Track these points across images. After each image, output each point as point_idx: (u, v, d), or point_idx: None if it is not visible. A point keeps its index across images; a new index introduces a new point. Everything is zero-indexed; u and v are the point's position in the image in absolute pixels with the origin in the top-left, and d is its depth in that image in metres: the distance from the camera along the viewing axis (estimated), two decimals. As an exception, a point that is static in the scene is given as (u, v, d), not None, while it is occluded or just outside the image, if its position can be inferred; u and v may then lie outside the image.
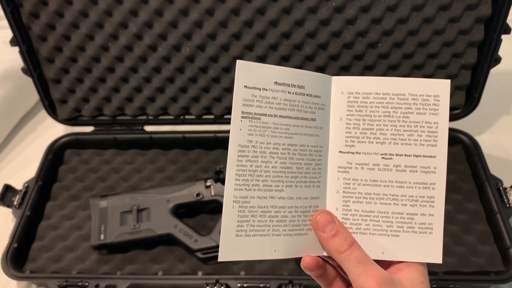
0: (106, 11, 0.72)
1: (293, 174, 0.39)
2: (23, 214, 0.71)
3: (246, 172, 0.37)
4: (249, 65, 0.38)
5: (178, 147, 0.83)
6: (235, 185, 0.37)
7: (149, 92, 0.79)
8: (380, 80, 0.40)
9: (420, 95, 0.40)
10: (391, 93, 0.40)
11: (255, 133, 0.38)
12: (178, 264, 0.68)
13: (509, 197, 0.69)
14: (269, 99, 0.38)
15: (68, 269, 0.67)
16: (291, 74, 0.39)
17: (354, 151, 0.40)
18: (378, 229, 0.40)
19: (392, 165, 0.40)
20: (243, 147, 0.37)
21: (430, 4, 0.69)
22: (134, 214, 0.69)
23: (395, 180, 0.40)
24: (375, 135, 0.40)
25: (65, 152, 0.83)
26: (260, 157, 0.38)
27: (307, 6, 0.69)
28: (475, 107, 0.77)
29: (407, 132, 0.40)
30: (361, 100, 0.40)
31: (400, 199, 0.39)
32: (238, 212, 0.37)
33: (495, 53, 0.71)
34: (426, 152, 0.39)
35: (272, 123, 0.38)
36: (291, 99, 0.39)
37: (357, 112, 0.40)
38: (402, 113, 0.40)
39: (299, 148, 0.39)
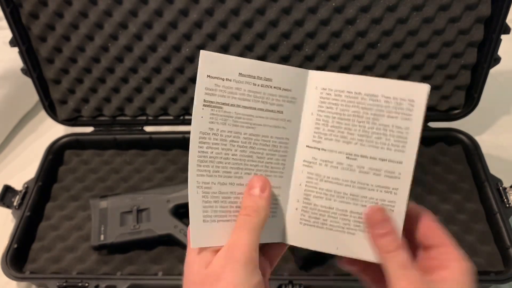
0: (105, 12, 0.72)
1: (253, 162, 0.40)
2: (23, 215, 0.71)
3: (207, 158, 0.38)
4: (212, 55, 0.38)
5: (178, 147, 0.83)
6: (197, 171, 0.38)
7: (149, 93, 0.79)
8: (354, 79, 0.39)
9: (394, 98, 0.38)
10: (363, 93, 0.39)
11: (217, 122, 0.38)
12: (178, 265, 0.68)
13: (509, 197, 0.69)
14: (232, 89, 0.38)
15: (68, 270, 0.67)
16: (256, 67, 0.39)
17: (320, 147, 0.40)
18: (334, 225, 0.40)
19: (356, 166, 0.39)
20: (204, 134, 0.38)
21: (429, 4, 0.69)
22: (134, 215, 0.69)
23: (357, 181, 0.39)
24: (342, 134, 0.39)
25: (65, 152, 0.83)
26: (221, 145, 0.38)
27: (307, 6, 0.69)
28: (474, 107, 0.77)
29: (375, 135, 0.39)
30: (333, 97, 0.40)
31: (360, 199, 0.39)
32: (202, 197, 0.38)
33: (495, 53, 0.71)
34: (393, 157, 0.39)
35: (235, 113, 0.39)
36: (255, 91, 0.39)
37: (328, 108, 0.40)
38: (372, 114, 0.39)
39: (262, 138, 0.40)
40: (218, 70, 0.38)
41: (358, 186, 0.39)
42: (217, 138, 0.38)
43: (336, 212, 0.40)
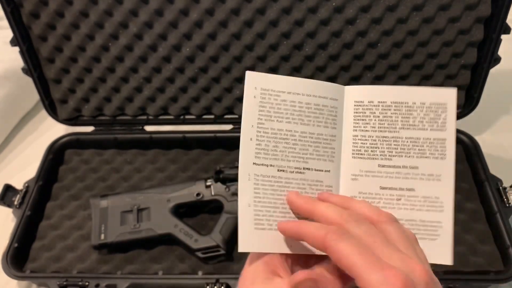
0: (106, 11, 0.72)
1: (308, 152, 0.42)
2: (24, 214, 0.71)
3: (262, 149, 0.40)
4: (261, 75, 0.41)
5: (178, 147, 0.83)
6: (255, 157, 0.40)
7: (149, 92, 0.79)
8: (386, 89, 0.42)
9: (428, 104, 0.41)
10: (398, 101, 0.41)
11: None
12: (178, 264, 0.68)
13: (509, 196, 0.69)
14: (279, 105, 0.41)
15: (68, 269, 0.67)
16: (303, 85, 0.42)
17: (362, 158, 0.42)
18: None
19: (401, 173, 0.42)
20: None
21: (429, 4, 0.69)
22: (135, 214, 0.69)
23: (406, 188, 0.41)
24: (382, 150, 0.42)
25: (65, 152, 0.83)
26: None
27: (307, 6, 0.69)
28: (474, 107, 0.77)
29: (412, 143, 0.41)
30: (367, 109, 0.42)
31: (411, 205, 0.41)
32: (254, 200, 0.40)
33: (495, 53, 0.71)
34: (432, 161, 0.41)
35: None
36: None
37: (364, 124, 0.43)
38: (407, 121, 0.41)
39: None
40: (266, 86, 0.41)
41: (407, 194, 0.41)
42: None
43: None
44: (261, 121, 0.40)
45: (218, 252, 0.66)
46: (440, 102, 0.41)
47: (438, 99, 0.41)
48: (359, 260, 0.31)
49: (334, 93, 0.42)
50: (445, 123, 0.41)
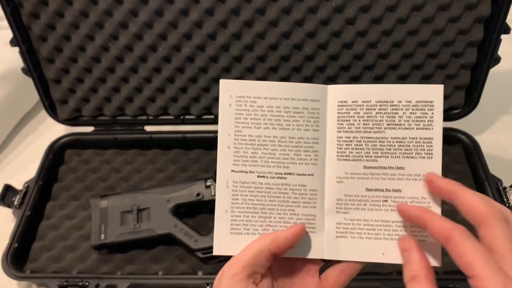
0: (106, 11, 0.72)
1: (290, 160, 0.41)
2: (24, 214, 0.71)
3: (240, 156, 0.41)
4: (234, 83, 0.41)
5: (178, 147, 0.83)
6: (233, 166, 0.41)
7: (149, 92, 0.79)
8: (367, 88, 0.41)
9: (414, 102, 0.41)
10: (382, 100, 0.41)
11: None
12: (178, 264, 0.68)
13: (509, 196, 0.69)
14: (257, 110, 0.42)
15: (68, 269, 0.67)
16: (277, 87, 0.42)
17: (347, 160, 0.42)
18: (376, 234, 0.41)
19: (384, 173, 0.41)
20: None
21: (429, 4, 0.69)
22: (135, 214, 0.69)
23: (392, 188, 0.41)
24: (367, 150, 0.41)
25: (65, 152, 0.83)
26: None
27: (306, 6, 0.69)
28: (474, 107, 0.77)
29: (398, 143, 0.41)
30: (351, 109, 0.42)
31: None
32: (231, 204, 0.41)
33: (495, 53, 0.71)
34: (419, 160, 0.40)
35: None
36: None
37: (348, 124, 0.42)
38: (392, 120, 0.41)
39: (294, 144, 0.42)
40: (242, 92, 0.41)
41: (394, 195, 0.40)
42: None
43: (375, 222, 0.40)
44: (238, 128, 0.41)
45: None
46: (426, 100, 0.40)
47: (424, 97, 0.40)
48: (482, 262, 0.31)
49: (315, 94, 0.41)
50: (431, 121, 0.40)
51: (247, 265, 0.37)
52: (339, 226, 0.41)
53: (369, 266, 0.65)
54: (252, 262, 0.37)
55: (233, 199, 0.40)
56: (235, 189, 0.40)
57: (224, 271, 0.37)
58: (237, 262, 0.37)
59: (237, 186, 0.40)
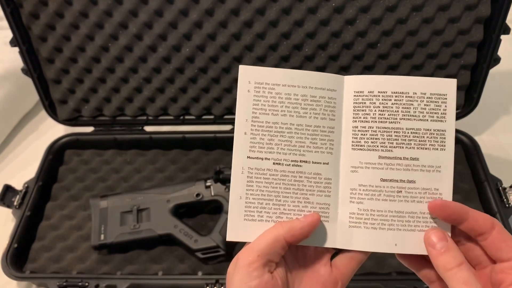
0: (106, 12, 0.72)
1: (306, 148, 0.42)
2: (23, 214, 0.71)
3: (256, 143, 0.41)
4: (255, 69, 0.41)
5: (178, 147, 0.83)
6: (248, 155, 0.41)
7: (149, 93, 0.79)
8: (386, 79, 0.41)
9: (428, 94, 0.41)
10: (398, 91, 0.41)
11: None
12: (178, 264, 0.68)
13: (509, 197, 0.69)
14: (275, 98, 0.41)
15: (68, 269, 0.67)
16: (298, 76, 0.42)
17: (363, 149, 0.42)
18: (389, 225, 0.41)
19: (400, 164, 0.41)
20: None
21: (429, 4, 0.69)
22: (134, 214, 0.69)
23: (406, 179, 0.41)
24: (382, 140, 0.41)
25: (65, 152, 0.83)
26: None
27: (306, 6, 0.69)
28: (474, 107, 0.77)
29: (413, 134, 0.41)
30: (368, 99, 0.42)
31: (410, 197, 0.41)
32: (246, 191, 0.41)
33: (495, 53, 0.71)
34: (432, 152, 0.41)
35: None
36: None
37: (364, 114, 0.42)
38: (408, 112, 0.41)
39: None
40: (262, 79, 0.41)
41: (408, 186, 0.40)
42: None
43: (389, 212, 0.40)
44: (255, 115, 0.40)
45: (218, 253, 0.66)
46: (440, 92, 0.41)
47: (438, 89, 0.41)
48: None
49: (332, 84, 0.42)
50: (445, 114, 0.40)
51: (263, 254, 0.37)
52: (352, 216, 0.41)
53: (369, 266, 0.66)
54: (267, 251, 0.37)
55: (248, 185, 0.40)
56: (250, 175, 0.40)
57: (239, 258, 0.37)
58: (253, 251, 0.37)
59: (252, 173, 0.40)
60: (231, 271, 0.37)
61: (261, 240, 0.37)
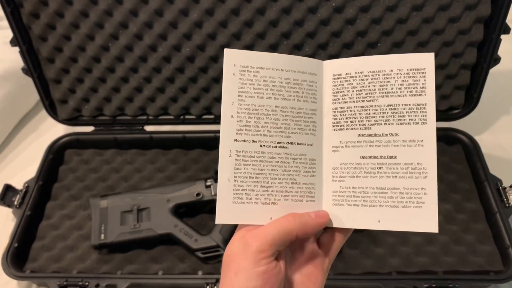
0: (106, 11, 0.72)
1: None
2: (24, 214, 0.71)
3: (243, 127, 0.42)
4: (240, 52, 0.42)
5: (178, 147, 0.83)
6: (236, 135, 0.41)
7: (149, 92, 0.79)
8: (360, 60, 0.42)
9: (405, 70, 0.41)
10: (373, 70, 0.42)
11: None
12: (178, 264, 0.68)
13: (509, 196, 0.69)
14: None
15: (68, 269, 0.67)
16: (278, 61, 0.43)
17: (342, 129, 0.43)
18: (372, 202, 0.41)
19: (380, 141, 0.41)
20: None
21: (429, 4, 0.69)
22: (135, 214, 0.69)
23: (387, 155, 0.41)
24: (360, 119, 0.42)
25: (65, 152, 0.83)
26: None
27: (306, 6, 0.69)
28: (474, 107, 0.77)
29: (391, 110, 0.41)
30: (344, 81, 0.43)
31: (392, 172, 0.41)
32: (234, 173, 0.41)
33: (495, 53, 0.71)
34: (413, 127, 0.41)
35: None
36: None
37: (343, 95, 0.43)
38: (385, 88, 0.41)
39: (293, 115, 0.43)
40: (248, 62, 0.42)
41: (388, 162, 0.41)
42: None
43: (370, 189, 0.41)
44: (241, 97, 0.41)
45: (218, 252, 0.66)
46: (418, 67, 0.41)
47: (415, 64, 0.41)
48: None
49: (312, 68, 0.43)
50: (424, 88, 0.40)
51: (274, 244, 0.38)
52: (335, 194, 0.42)
53: (369, 266, 0.66)
54: (279, 242, 0.38)
55: (235, 168, 0.40)
56: (238, 158, 0.41)
57: (249, 243, 0.38)
58: (265, 239, 0.38)
59: (240, 156, 0.41)
60: (236, 252, 0.38)
61: (273, 230, 0.38)
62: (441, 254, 0.67)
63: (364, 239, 0.68)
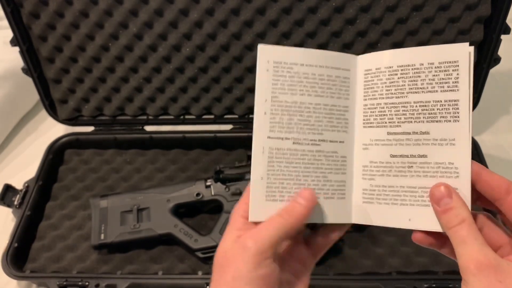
0: (106, 11, 0.72)
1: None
2: (23, 214, 0.71)
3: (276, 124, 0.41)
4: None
5: (178, 147, 0.83)
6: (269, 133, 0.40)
7: (149, 92, 0.79)
8: (392, 53, 0.41)
9: (437, 64, 0.39)
10: (405, 64, 0.40)
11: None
12: (178, 264, 0.68)
13: (509, 197, 0.69)
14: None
15: (68, 269, 0.67)
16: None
17: (372, 126, 0.42)
18: (402, 200, 0.40)
19: (411, 140, 0.40)
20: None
21: (429, 4, 0.69)
22: (134, 214, 0.69)
23: (417, 154, 0.40)
24: (390, 116, 0.41)
25: (65, 152, 0.83)
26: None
27: (307, 6, 0.69)
28: (474, 107, 0.77)
29: (422, 107, 0.40)
30: (376, 76, 0.42)
31: (423, 172, 0.40)
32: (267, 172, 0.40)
33: (495, 53, 0.71)
34: (445, 124, 0.40)
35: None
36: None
37: (373, 91, 0.42)
38: (417, 84, 0.40)
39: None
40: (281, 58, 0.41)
41: (419, 161, 0.39)
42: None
43: (400, 188, 0.40)
44: (274, 94, 0.40)
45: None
46: (450, 60, 0.38)
47: (447, 57, 0.38)
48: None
49: (346, 64, 0.42)
50: (457, 82, 0.38)
51: (274, 244, 0.37)
52: (365, 192, 0.41)
53: (369, 266, 0.66)
54: (279, 241, 0.38)
55: (269, 165, 0.40)
56: (271, 155, 0.40)
57: (247, 245, 0.37)
58: (265, 240, 0.37)
59: (273, 153, 0.40)
60: (233, 254, 0.37)
61: (272, 231, 0.37)
62: (441, 254, 0.66)
63: (364, 239, 0.68)
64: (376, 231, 0.69)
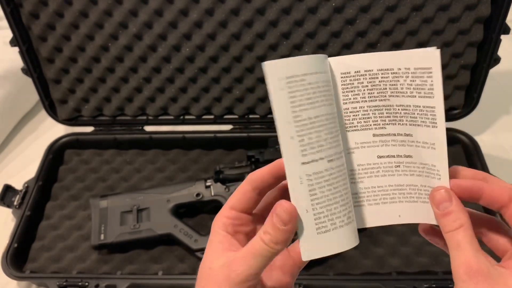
0: (106, 11, 0.72)
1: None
2: (23, 214, 0.71)
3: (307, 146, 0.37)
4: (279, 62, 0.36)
5: (178, 147, 0.83)
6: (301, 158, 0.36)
7: (149, 92, 0.79)
8: (369, 57, 0.39)
9: (413, 69, 0.38)
10: (383, 68, 0.39)
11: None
12: (178, 264, 0.68)
13: (509, 197, 0.69)
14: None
15: (68, 269, 0.67)
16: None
17: (358, 130, 0.41)
18: (391, 198, 0.40)
19: (396, 141, 0.40)
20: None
21: (429, 4, 0.69)
22: (134, 214, 0.69)
23: (403, 154, 0.40)
24: (374, 119, 0.41)
25: (65, 152, 0.83)
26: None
27: (306, 6, 0.69)
28: (474, 107, 0.77)
29: (403, 110, 0.40)
30: (354, 80, 0.41)
31: (409, 171, 0.40)
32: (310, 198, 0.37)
33: (495, 53, 0.71)
34: (425, 128, 0.39)
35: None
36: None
37: (354, 95, 0.41)
38: (395, 89, 0.39)
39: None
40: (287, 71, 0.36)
41: (405, 160, 0.39)
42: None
43: (389, 187, 0.40)
44: (295, 113, 0.35)
45: (218, 252, 0.66)
46: (424, 66, 0.37)
47: (421, 63, 0.37)
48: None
49: (326, 66, 0.39)
50: (432, 89, 0.37)
51: (261, 271, 0.35)
52: (355, 196, 0.40)
53: (369, 266, 0.66)
54: (266, 266, 0.36)
55: (311, 195, 0.36)
56: (311, 183, 0.36)
57: (231, 275, 0.35)
58: (252, 271, 0.35)
59: (312, 179, 0.36)
60: (218, 280, 0.35)
61: (259, 259, 0.35)
62: (441, 254, 0.67)
63: (364, 239, 0.68)
64: (376, 231, 0.69)
